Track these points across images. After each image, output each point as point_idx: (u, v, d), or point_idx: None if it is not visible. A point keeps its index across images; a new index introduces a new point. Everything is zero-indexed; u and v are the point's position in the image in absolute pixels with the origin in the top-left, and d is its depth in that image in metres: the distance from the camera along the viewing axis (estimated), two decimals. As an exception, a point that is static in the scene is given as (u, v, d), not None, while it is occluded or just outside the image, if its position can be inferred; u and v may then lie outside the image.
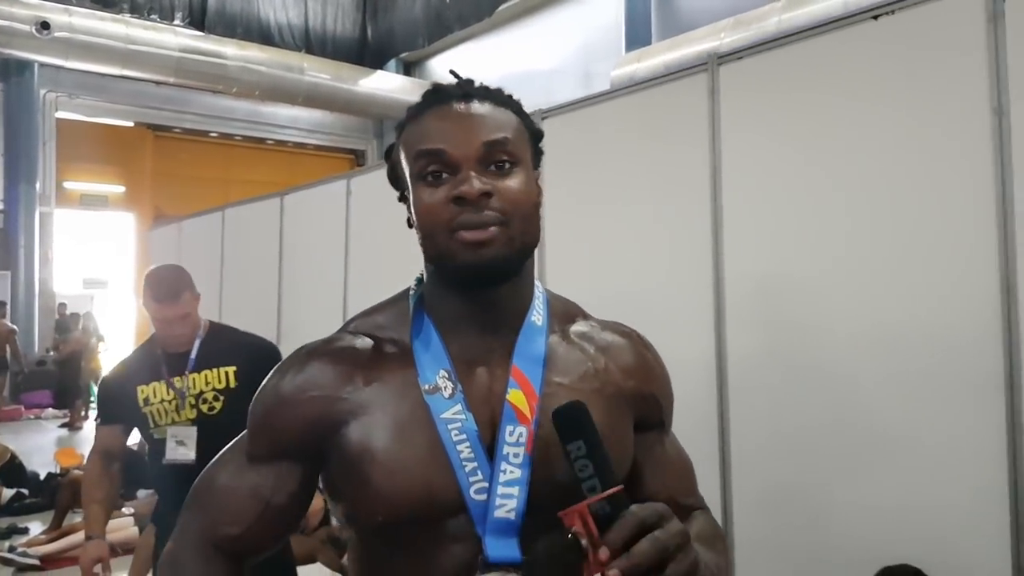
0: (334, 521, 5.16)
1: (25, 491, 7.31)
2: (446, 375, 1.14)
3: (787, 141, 3.27)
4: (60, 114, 16.17)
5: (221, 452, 1.25)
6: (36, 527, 6.41)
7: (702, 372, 3.44)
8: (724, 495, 3.35)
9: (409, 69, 18.50)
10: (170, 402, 3.12)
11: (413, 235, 1.19)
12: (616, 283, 3.79)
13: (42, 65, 14.60)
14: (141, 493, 6.96)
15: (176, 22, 15.12)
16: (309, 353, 1.20)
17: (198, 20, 15.59)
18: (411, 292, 1.25)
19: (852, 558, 2.95)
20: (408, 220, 1.20)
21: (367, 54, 18.09)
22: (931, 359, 2.83)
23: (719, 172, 3.45)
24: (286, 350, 1.23)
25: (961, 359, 2.75)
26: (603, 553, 0.89)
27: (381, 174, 5.03)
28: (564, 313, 1.28)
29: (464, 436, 1.09)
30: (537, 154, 1.23)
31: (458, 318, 1.18)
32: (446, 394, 1.12)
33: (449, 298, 1.18)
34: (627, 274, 3.79)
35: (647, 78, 4.06)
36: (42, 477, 7.62)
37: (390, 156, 1.26)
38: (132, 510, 6.18)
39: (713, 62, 3.49)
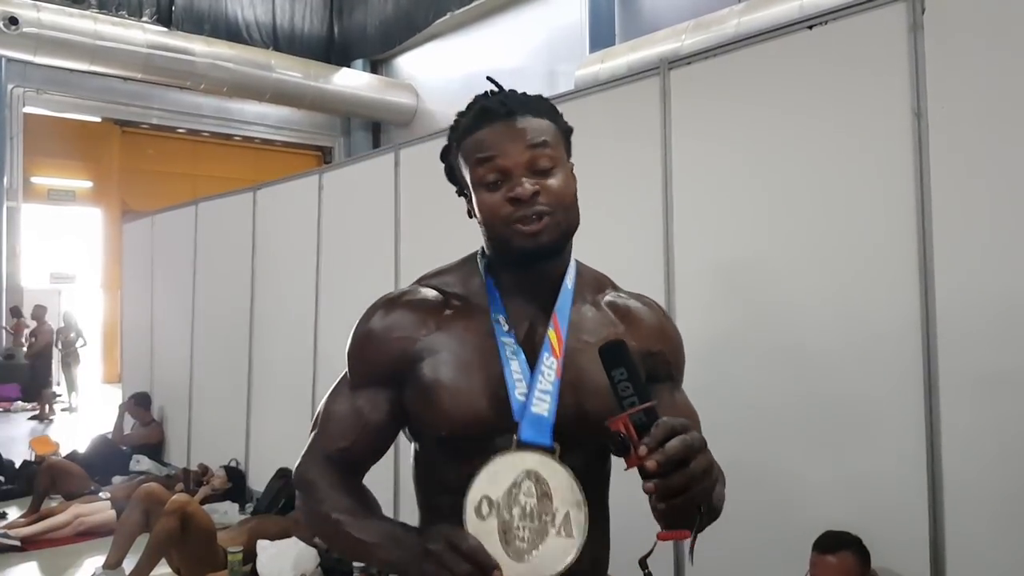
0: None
1: (2, 478, 7.39)
2: (503, 319, 1.44)
3: (732, 139, 3.49)
4: (28, 109, 16.06)
5: (333, 386, 1.53)
6: (14, 512, 6.50)
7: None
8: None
9: (376, 67, 18.56)
10: None
11: (381, 230, 1.50)
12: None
13: (10, 60, 14.53)
14: (117, 479, 7.13)
15: (144, 19, 15.14)
16: (392, 301, 1.50)
17: (166, 17, 15.59)
18: (479, 260, 1.53)
19: (792, 521, 3.18)
20: (468, 212, 1.49)
21: (334, 52, 18.16)
22: (859, 343, 3.06)
23: (670, 168, 3.66)
24: (258, 340, 1.50)
25: (885, 342, 2.98)
26: (643, 450, 1.11)
27: (352, 170, 5.31)
28: (595, 283, 1.59)
29: (515, 356, 1.39)
30: (570, 147, 1.50)
31: (513, 282, 1.47)
32: (504, 328, 1.43)
33: (507, 270, 1.47)
34: (584, 262, 3.99)
35: (610, 78, 4.26)
36: (17, 465, 7.72)
37: (446, 158, 1.54)
38: (109, 495, 6.33)
39: (664, 66, 3.72)
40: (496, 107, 1.44)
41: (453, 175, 1.53)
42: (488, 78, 1.57)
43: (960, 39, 2.87)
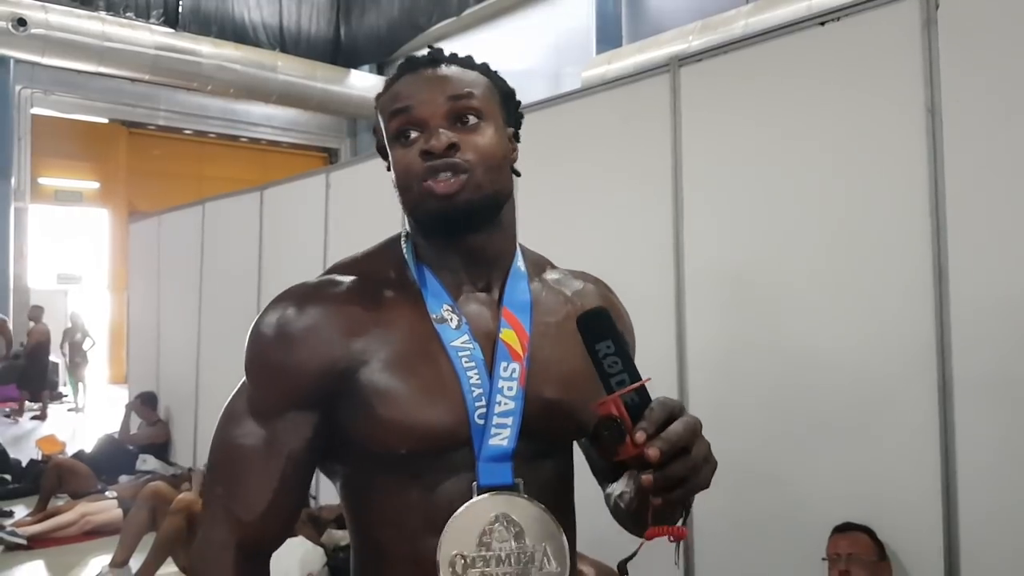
0: (312, 503, 5.36)
1: (8, 477, 7.42)
2: (450, 308, 1.21)
3: (743, 137, 3.46)
4: (35, 110, 16.12)
5: (225, 410, 1.22)
6: (20, 511, 6.51)
7: (664, 352, 3.63)
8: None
9: (382, 69, 18.57)
10: None
11: (389, 229, 1.33)
12: (584, 270, 3.99)
13: (18, 61, 14.55)
14: (123, 478, 7.13)
15: (151, 20, 15.17)
16: (306, 295, 1.20)
17: (173, 18, 15.62)
18: (403, 242, 1.30)
19: (805, 520, 3.15)
20: (394, 183, 1.26)
21: (341, 53, 18.19)
22: (872, 342, 3.03)
23: (680, 166, 3.64)
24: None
25: (899, 341, 2.95)
26: (640, 435, 0.95)
27: (359, 169, 5.27)
28: (537, 263, 1.37)
29: (473, 363, 1.17)
30: (512, 113, 1.31)
31: (449, 265, 1.24)
32: (453, 325, 1.20)
33: (437, 248, 1.24)
34: (594, 262, 3.95)
35: (617, 79, 4.24)
36: (24, 464, 7.75)
37: (375, 131, 1.33)
38: (115, 494, 6.33)
39: (675, 63, 3.70)
40: (420, 58, 1.26)
41: (380, 145, 1.30)
42: (428, 46, 1.35)
43: (974, 34, 2.85)
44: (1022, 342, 2.69)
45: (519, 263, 1.30)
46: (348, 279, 1.23)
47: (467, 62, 1.27)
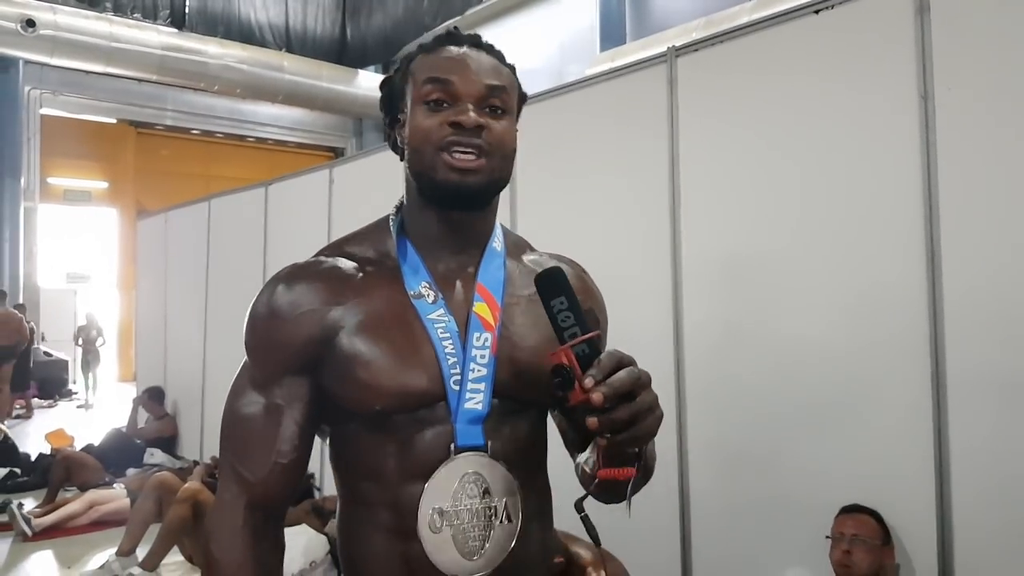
0: (316, 494, 5.41)
1: (17, 470, 7.47)
2: (427, 285, 1.30)
3: (739, 125, 3.49)
4: (44, 110, 16.21)
5: (231, 387, 1.34)
6: (28, 503, 6.55)
7: (660, 338, 3.66)
8: (680, 453, 3.59)
9: (388, 68, 18.55)
10: None
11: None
12: (582, 258, 4.02)
13: (27, 62, 14.62)
14: (131, 471, 7.18)
15: (158, 21, 15.23)
16: (293, 273, 1.32)
17: (179, 19, 15.69)
18: (391, 219, 1.40)
19: (799, 509, 3.18)
20: (393, 141, 1.38)
21: (346, 53, 18.23)
22: (866, 330, 3.05)
23: (677, 154, 3.67)
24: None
25: (892, 328, 2.97)
26: (588, 382, 1.03)
27: (362, 164, 5.29)
28: (516, 245, 1.48)
29: (448, 334, 1.27)
30: (519, 113, 1.40)
31: (433, 239, 1.34)
32: (429, 300, 1.29)
33: (426, 219, 1.34)
34: (593, 250, 3.95)
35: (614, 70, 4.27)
36: (32, 458, 7.81)
37: (388, 84, 1.39)
38: (123, 486, 6.38)
39: (671, 53, 3.73)
40: (464, 35, 1.35)
41: (390, 101, 1.39)
42: (454, 28, 1.45)
43: (967, 21, 2.87)
44: (1014, 327, 2.71)
45: (495, 242, 1.40)
46: (332, 258, 1.35)
47: (502, 56, 1.38)
